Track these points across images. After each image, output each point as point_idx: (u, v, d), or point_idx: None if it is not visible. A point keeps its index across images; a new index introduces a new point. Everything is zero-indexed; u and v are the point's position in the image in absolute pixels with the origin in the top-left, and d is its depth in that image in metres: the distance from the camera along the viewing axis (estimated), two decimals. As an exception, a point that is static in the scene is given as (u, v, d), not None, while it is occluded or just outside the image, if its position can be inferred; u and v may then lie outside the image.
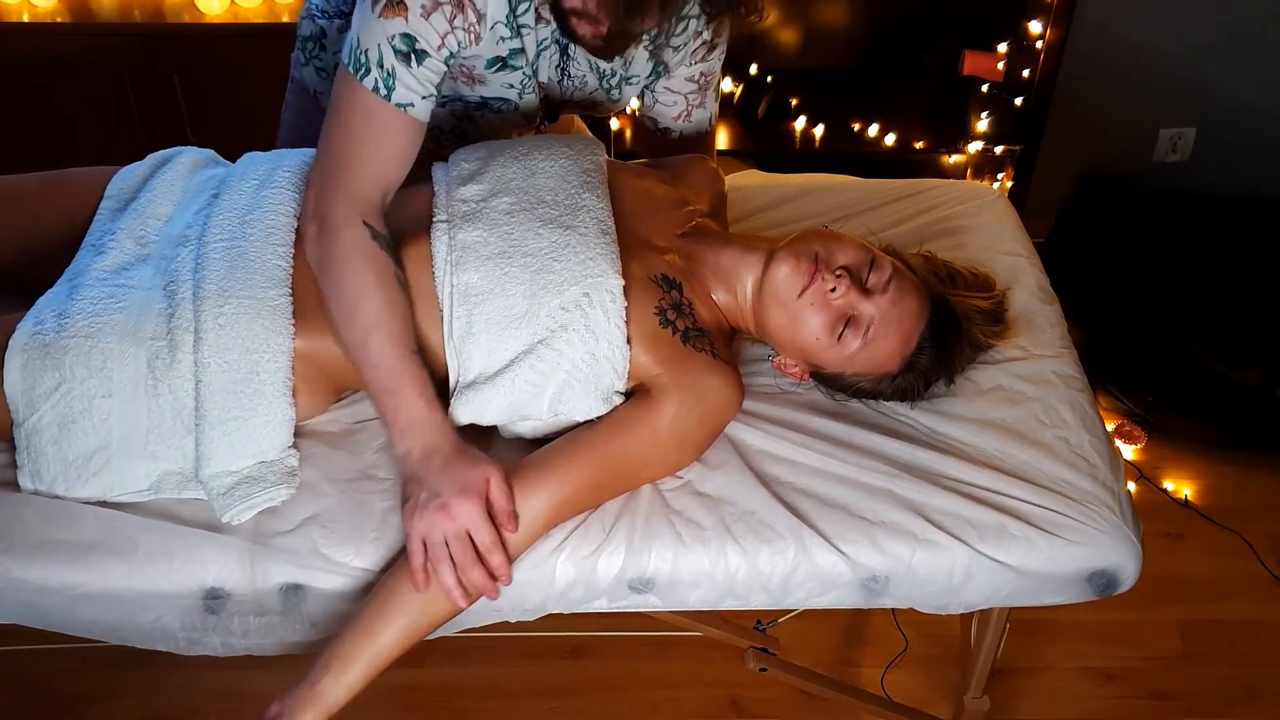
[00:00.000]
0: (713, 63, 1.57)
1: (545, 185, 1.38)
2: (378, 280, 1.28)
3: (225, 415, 1.29)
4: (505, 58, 1.40)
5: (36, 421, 1.29)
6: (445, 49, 1.31)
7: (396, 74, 1.28)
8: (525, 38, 1.39)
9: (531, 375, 1.30)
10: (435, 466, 1.23)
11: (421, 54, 1.29)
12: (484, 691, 2.02)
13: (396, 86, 1.29)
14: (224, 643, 1.32)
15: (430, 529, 1.21)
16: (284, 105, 1.80)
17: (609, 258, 1.33)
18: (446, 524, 1.21)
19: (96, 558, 1.27)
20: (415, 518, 1.22)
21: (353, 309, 1.28)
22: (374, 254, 1.30)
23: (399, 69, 1.28)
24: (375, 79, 1.29)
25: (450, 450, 1.24)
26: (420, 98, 1.31)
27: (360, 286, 1.28)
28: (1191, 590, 2.20)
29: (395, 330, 1.27)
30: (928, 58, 2.81)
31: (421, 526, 1.22)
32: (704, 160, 1.62)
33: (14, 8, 2.55)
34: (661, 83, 1.58)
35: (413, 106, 1.31)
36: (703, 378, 1.33)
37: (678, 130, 1.65)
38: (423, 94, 1.31)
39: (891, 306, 1.35)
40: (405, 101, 1.30)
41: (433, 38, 1.29)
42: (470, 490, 1.21)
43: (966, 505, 1.33)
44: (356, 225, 1.29)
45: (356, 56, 1.29)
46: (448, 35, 1.30)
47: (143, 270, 1.38)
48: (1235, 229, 2.75)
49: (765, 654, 1.73)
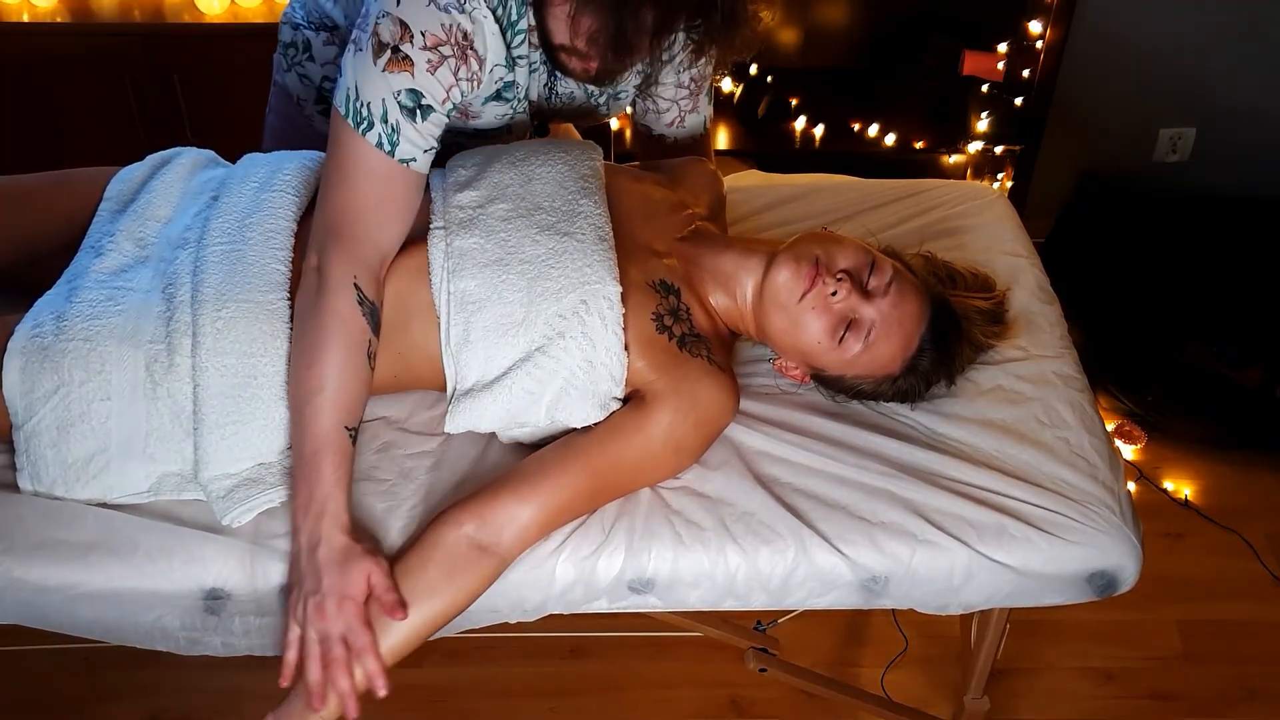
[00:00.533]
0: (702, 68, 1.54)
1: (542, 191, 1.38)
2: (346, 348, 1.25)
3: (223, 419, 1.29)
4: (500, 90, 1.39)
5: (35, 424, 1.29)
6: (449, 101, 1.29)
7: (401, 129, 1.26)
8: (519, 70, 1.38)
9: (529, 383, 1.30)
10: (318, 561, 1.20)
11: (427, 109, 1.27)
12: (484, 691, 2.02)
13: (401, 142, 1.27)
14: (224, 643, 1.32)
15: (306, 623, 1.20)
16: (267, 109, 1.78)
17: (606, 264, 1.33)
18: (320, 622, 1.19)
19: (97, 557, 1.27)
20: (295, 608, 1.21)
21: (309, 365, 1.25)
22: (353, 321, 1.26)
23: (404, 124, 1.26)
24: (379, 134, 1.26)
25: (336, 546, 1.21)
26: (423, 151, 1.30)
27: (326, 347, 1.25)
28: (1191, 590, 2.20)
29: (341, 400, 1.25)
30: (928, 58, 2.81)
31: (299, 616, 1.21)
32: (702, 163, 1.61)
33: (14, 8, 2.55)
34: (652, 90, 1.57)
35: (415, 161, 1.29)
36: (698, 384, 1.33)
37: (672, 136, 1.64)
38: (425, 148, 1.30)
39: (893, 309, 1.35)
40: (408, 157, 1.28)
41: (438, 92, 1.27)
42: (348, 594, 1.19)
43: (966, 506, 1.33)
44: (347, 289, 1.27)
45: (356, 109, 1.26)
46: (452, 88, 1.28)
47: (141, 272, 1.38)
48: (1235, 229, 2.75)
49: (765, 654, 1.73)
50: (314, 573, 1.20)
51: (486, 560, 1.25)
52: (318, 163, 1.45)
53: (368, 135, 1.26)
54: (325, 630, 1.19)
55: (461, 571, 1.24)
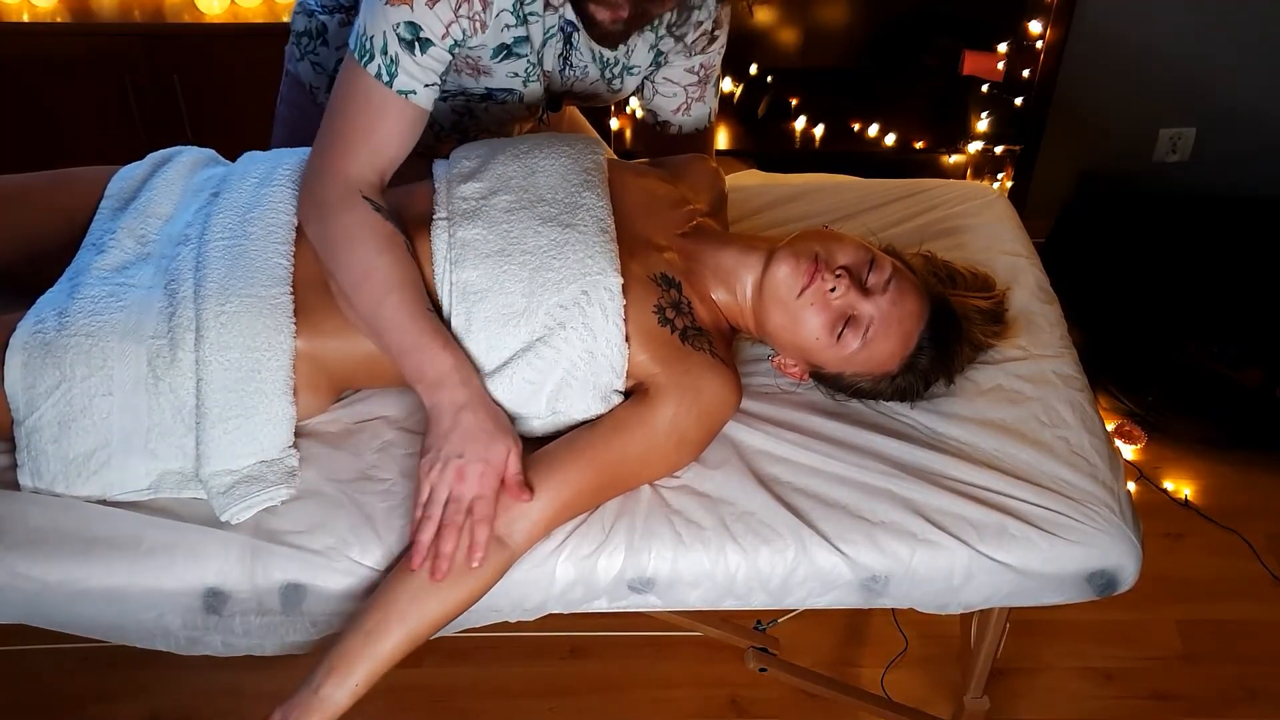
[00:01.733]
0: (712, 55, 1.58)
1: (545, 184, 1.38)
2: (384, 245, 1.30)
3: (226, 414, 1.29)
4: (510, 45, 1.41)
5: (37, 420, 1.29)
6: (449, 38, 1.32)
7: (400, 61, 1.30)
8: (532, 26, 1.40)
9: (529, 373, 1.31)
10: (464, 427, 1.24)
11: (425, 42, 1.30)
12: (484, 691, 2.02)
13: (399, 73, 1.31)
14: (225, 642, 1.32)
15: (439, 484, 1.23)
16: (279, 99, 1.80)
17: (608, 256, 1.33)
18: (458, 485, 1.23)
19: (99, 553, 1.27)
20: (432, 469, 1.24)
21: (362, 277, 1.29)
22: (378, 225, 1.31)
23: (402, 56, 1.30)
24: (379, 65, 1.31)
25: (480, 411, 1.26)
26: (423, 85, 1.33)
27: (367, 255, 1.29)
28: (1191, 590, 2.20)
29: (409, 292, 1.29)
30: (928, 58, 2.81)
31: (434, 477, 1.24)
32: (704, 160, 1.62)
33: (14, 8, 2.55)
34: (661, 73, 1.59)
35: (414, 94, 1.33)
36: (700, 377, 1.33)
37: (677, 124, 1.65)
38: (425, 82, 1.33)
39: (891, 307, 1.35)
40: (407, 89, 1.32)
41: (437, 26, 1.30)
42: (491, 462, 1.23)
43: (966, 505, 1.33)
44: (356, 200, 1.31)
45: (362, 43, 1.31)
46: (452, 24, 1.31)
47: (143, 269, 1.38)
48: (1235, 229, 2.75)
49: (765, 654, 1.73)
50: (459, 437, 1.24)
51: (500, 551, 1.25)
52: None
53: (368, 67, 1.31)
54: (461, 493, 1.23)
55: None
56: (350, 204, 1.31)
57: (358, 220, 1.30)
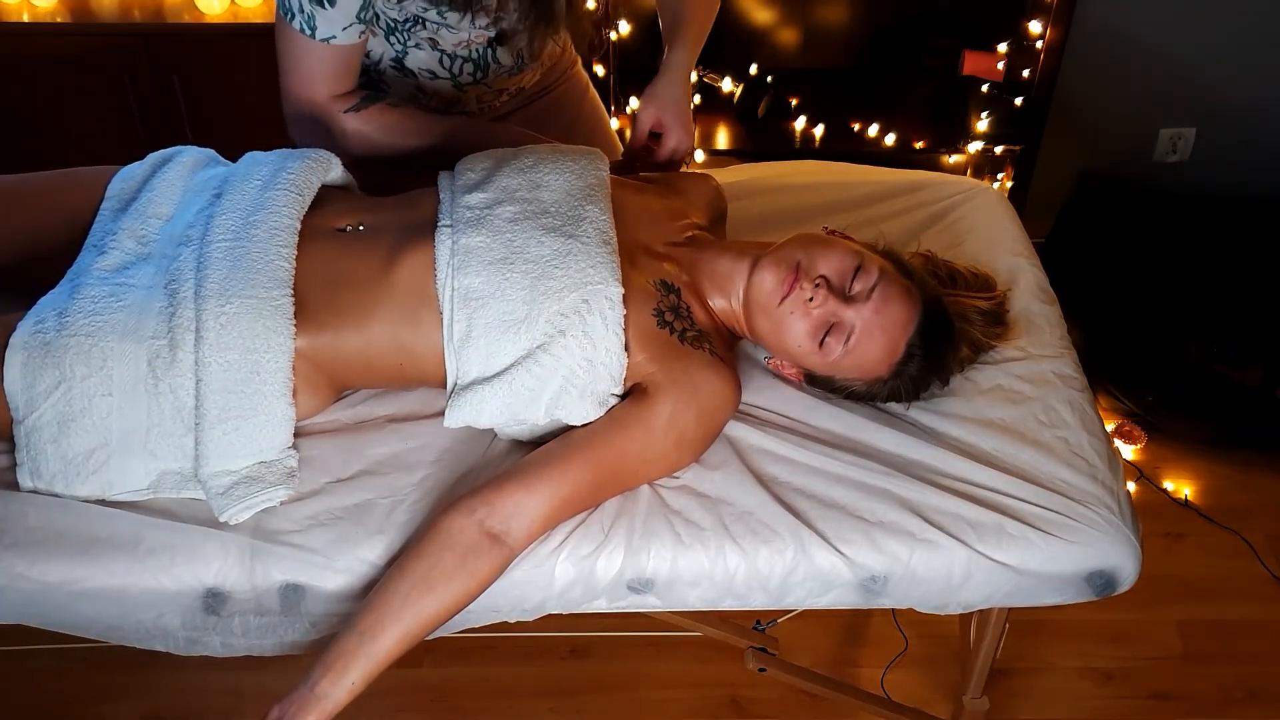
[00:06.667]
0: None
1: (550, 197, 1.40)
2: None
3: (225, 414, 1.29)
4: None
5: (36, 419, 1.29)
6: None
7: (315, 16, 1.46)
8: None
9: (529, 380, 1.31)
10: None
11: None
12: (484, 691, 2.02)
13: (319, 24, 1.47)
14: (224, 642, 1.32)
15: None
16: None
17: (609, 266, 1.34)
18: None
19: (99, 552, 1.27)
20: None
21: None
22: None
23: (312, 8, 1.46)
24: (300, 21, 1.47)
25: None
26: (342, 29, 1.48)
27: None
28: (1191, 590, 2.20)
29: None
30: (928, 58, 2.80)
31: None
32: (706, 178, 1.63)
33: (14, 8, 2.55)
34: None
35: (336, 38, 1.49)
36: (698, 375, 1.33)
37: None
38: (344, 25, 1.48)
39: (874, 315, 1.35)
40: (328, 35, 1.49)
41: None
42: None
43: (965, 505, 1.33)
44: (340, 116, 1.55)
45: (284, 2, 1.47)
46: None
47: (144, 269, 1.38)
48: (1235, 229, 2.75)
49: (765, 654, 1.73)
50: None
51: (498, 548, 1.25)
52: (321, 161, 1.47)
53: (293, 23, 1.48)
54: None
55: (475, 558, 1.24)
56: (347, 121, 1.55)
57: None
